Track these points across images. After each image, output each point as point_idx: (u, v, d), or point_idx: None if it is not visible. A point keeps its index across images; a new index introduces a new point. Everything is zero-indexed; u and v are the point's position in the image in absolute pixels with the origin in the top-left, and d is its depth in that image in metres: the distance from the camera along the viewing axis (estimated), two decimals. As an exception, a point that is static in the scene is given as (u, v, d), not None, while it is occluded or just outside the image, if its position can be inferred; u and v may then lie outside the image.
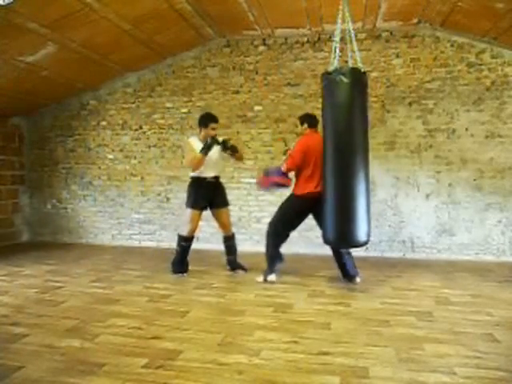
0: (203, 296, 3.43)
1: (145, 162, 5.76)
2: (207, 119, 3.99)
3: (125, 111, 5.80)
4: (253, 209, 5.41)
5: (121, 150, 5.83)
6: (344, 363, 2.21)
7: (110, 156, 5.87)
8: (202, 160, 3.83)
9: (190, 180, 4.10)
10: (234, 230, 5.40)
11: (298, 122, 4.00)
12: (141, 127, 5.75)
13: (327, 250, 4.22)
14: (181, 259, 4.05)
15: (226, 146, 3.93)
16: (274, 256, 3.82)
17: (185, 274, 4.03)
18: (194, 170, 3.95)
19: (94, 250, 5.39)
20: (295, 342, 2.48)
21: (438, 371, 2.12)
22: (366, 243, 3.41)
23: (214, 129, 3.95)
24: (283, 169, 3.77)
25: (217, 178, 4.11)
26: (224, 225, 4.19)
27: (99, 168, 5.91)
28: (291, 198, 3.84)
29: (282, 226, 3.80)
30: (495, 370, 2.13)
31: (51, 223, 6.08)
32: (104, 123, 5.88)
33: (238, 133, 5.41)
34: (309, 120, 3.93)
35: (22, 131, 6.10)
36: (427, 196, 5.01)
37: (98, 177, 5.92)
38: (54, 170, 6.05)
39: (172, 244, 5.04)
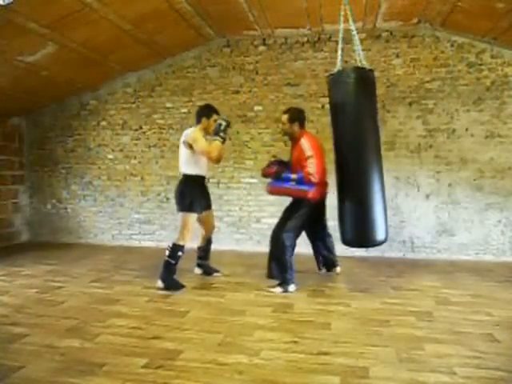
0: (203, 296, 3.43)
1: (145, 162, 5.76)
2: (211, 110, 3.72)
3: (125, 111, 5.81)
4: (253, 209, 5.41)
5: (121, 150, 5.83)
6: (344, 363, 2.21)
7: (110, 156, 5.87)
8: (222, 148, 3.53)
9: (183, 178, 3.66)
10: (234, 229, 5.47)
11: (285, 118, 3.61)
12: (141, 127, 5.75)
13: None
14: (173, 273, 3.58)
15: (227, 127, 3.58)
16: (291, 265, 3.55)
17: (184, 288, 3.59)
18: (217, 162, 3.64)
19: (94, 250, 5.39)
20: (295, 342, 2.48)
21: (437, 371, 2.12)
22: (384, 242, 3.40)
23: (216, 121, 3.67)
24: (314, 179, 3.43)
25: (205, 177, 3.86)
26: (212, 226, 4.03)
27: (99, 168, 5.91)
28: (307, 205, 3.56)
29: (297, 236, 3.60)
30: (495, 369, 2.13)
31: (51, 223, 6.08)
32: (104, 123, 5.88)
33: (237, 133, 5.41)
34: (301, 118, 3.64)
35: (22, 131, 6.09)
36: (427, 196, 5.01)
37: (98, 177, 5.92)
38: (54, 170, 6.05)
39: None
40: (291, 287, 3.53)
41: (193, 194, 3.60)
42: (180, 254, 3.56)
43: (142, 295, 3.42)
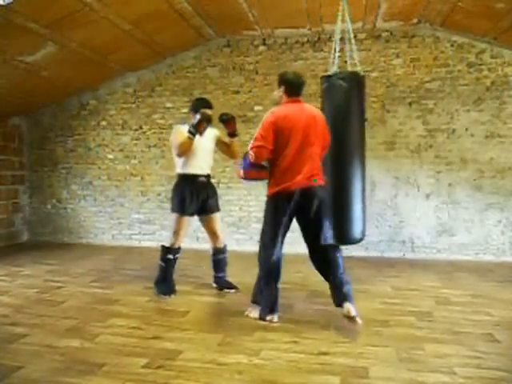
0: (203, 296, 3.43)
1: (145, 162, 5.76)
2: (199, 103, 3.43)
3: (125, 111, 5.80)
4: (253, 209, 5.41)
5: (121, 150, 5.83)
6: (344, 363, 2.21)
7: (110, 156, 5.87)
8: (190, 143, 3.23)
9: (176, 178, 3.51)
10: (234, 229, 5.47)
11: (277, 84, 2.88)
12: (141, 127, 5.75)
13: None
14: (166, 276, 3.42)
15: (223, 119, 3.34)
16: (265, 286, 2.86)
17: (172, 296, 3.36)
18: (180, 156, 3.32)
19: (94, 250, 5.39)
20: (295, 342, 2.48)
21: (438, 371, 2.12)
22: (361, 240, 3.56)
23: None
24: (251, 159, 2.78)
25: (208, 176, 3.52)
26: (216, 234, 3.55)
27: (99, 168, 5.91)
28: (267, 202, 2.89)
29: (268, 240, 2.89)
30: (495, 370, 2.13)
31: (51, 223, 6.07)
32: (104, 123, 5.88)
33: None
34: (289, 82, 2.77)
35: (22, 131, 6.09)
36: (427, 196, 5.01)
37: (98, 177, 5.91)
38: (54, 170, 6.05)
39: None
40: (269, 317, 2.79)
41: (182, 195, 3.37)
42: (170, 256, 3.39)
43: (142, 295, 3.42)
